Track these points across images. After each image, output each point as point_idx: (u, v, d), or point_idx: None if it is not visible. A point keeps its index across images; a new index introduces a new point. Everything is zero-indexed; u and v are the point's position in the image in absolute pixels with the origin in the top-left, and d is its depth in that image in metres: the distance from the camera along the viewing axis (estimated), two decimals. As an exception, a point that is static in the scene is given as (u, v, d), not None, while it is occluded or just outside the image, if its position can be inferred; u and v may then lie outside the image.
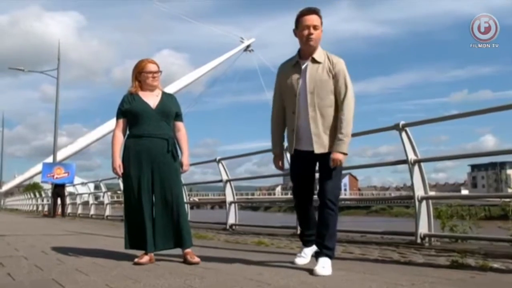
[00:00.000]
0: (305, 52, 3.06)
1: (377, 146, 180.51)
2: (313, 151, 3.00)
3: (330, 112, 2.99)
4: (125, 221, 3.56)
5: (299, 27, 3.03)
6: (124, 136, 3.58)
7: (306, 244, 3.31)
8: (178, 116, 3.65)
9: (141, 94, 3.55)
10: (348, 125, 2.95)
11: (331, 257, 2.93)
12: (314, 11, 3.03)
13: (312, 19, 3.00)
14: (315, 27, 3.00)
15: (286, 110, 3.16)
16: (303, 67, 3.05)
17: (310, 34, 2.98)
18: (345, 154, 2.94)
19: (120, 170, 3.47)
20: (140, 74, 3.56)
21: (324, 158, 2.98)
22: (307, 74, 3.02)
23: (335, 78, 2.99)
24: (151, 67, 3.57)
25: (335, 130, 2.97)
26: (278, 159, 3.33)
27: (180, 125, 3.66)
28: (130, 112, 3.51)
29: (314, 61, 3.03)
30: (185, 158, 3.62)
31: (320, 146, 2.98)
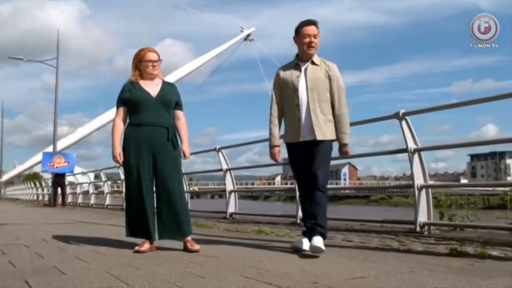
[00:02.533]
0: (304, 57, 3.45)
1: (378, 136, 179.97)
2: (310, 141, 3.34)
3: (326, 106, 3.40)
4: (126, 209, 3.59)
5: (300, 36, 3.42)
6: (124, 124, 3.58)
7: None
8: (178, 105, 3.64)
9: (141, 83, 3.54)
10: (347, 121, 3.44)
11: (324, 235, 3.26)
12: (313, 22, 3.44)
13: (312, 29, 3.41)
14: (315, 36, 3.41)
15: (286, 105, 3.48)
16: (303, 68, 3.43)
17: (311, 42, 3.39)
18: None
19: (120, 158, 3.48)
20: (140, 62, 3.56)
21: (320, 145, 3.34)
22: (307, 73, 3.40)
23: (331, 80, 3.42)
24: (151, 55, 3.56)
25: (329, 122, 3.40)
26: (278, 151, 3.56)
27: (180, 113, 3.66)
28: (130, 101, 3.50)
29: (313, 63, 3.43)
30: (185, 147, 3.62)
31: (320, 134, 3.34)
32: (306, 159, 3.37)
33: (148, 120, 3.45)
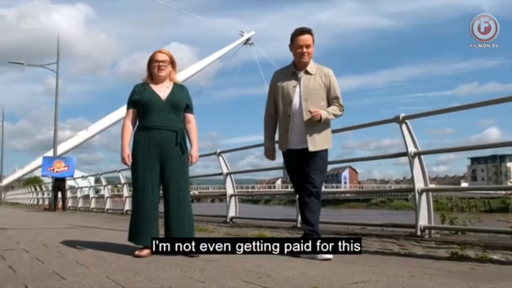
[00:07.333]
0: (299, 65, 3.47)
1: (380, 139, 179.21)
2: (304, 149, 3.39)
3: None
4: (131, 214, 3.56)
5: (294, 45, 3.44)
6: (134, 126, 3.55)
7: None
8: (188, 108, 3.60)
9: (153, 85, 3.52)
10: (336, 114, 3.43)
11: (320, 239, 3.32)
12: (307, 31, 3.43)
13: (305, 39, 3.40)
14: (307, 46, 3.41)
15: (280, 113, 3.51)
16: (298, 76, 3.45)
17: (303, 52, 3.40)
18: (320, 119, 3.35)
19: (129, 160, 3.45)
20: (151, 63, 3.54)
21: (315, 156, 3.40)
22: (302, 83, 3.42)
23: (327, 87, 3.44)
24: (159, 56, 3.52)
25: (325, 130, 3.44)
26: (270, 152, 3.67)
27: (190, 117, 3.62)
28: (140, 103, 3.48)
29: (307, 72, 3.44)
30: (194, 151, 3.59)
31: (313, 145, 3.38)
32: (301, 166, 3.43)
33: (157, 123, 3.42)
